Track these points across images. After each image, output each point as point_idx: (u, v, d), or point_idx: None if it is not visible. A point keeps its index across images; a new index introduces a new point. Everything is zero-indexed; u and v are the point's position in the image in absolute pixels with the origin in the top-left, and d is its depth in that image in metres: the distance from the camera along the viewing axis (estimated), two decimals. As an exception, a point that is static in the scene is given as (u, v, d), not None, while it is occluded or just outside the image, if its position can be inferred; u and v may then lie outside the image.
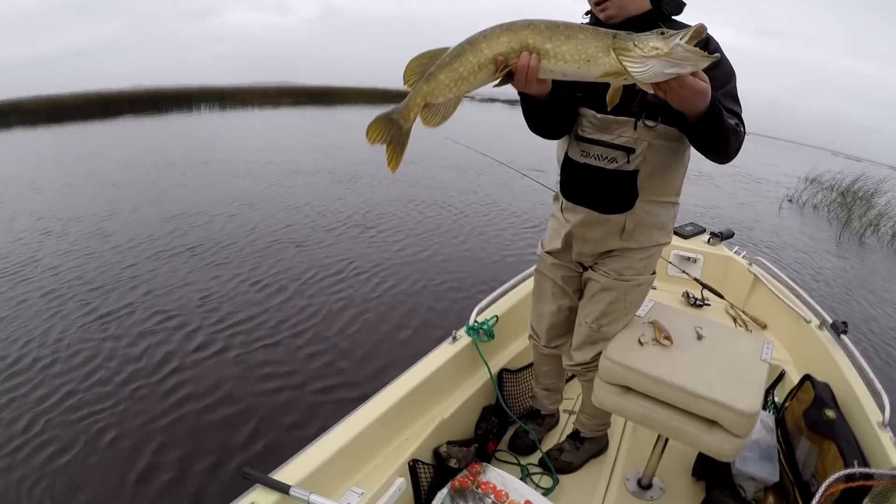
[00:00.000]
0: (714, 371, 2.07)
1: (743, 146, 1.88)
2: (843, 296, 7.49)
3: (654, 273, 2.33)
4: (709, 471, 2.65)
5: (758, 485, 2.42)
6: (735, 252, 4.47)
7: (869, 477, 2.01)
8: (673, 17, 1.98)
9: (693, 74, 1.50)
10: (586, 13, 2.09)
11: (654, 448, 2.49)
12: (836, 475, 2.00)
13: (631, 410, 2.13)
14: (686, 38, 1.42)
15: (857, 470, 2.04)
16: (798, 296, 3.68)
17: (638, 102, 1.95)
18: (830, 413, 2.54)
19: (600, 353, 2.23)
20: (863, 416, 2.53)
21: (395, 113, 1.64)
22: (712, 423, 1.97)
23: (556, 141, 2.28)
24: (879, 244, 11.58)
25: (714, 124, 1.69)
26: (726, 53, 1.86)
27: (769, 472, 2.41)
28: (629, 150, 2.01)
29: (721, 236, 4.60)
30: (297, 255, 6.85)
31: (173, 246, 7.11)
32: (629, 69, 1.49)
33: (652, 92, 1.57)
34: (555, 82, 1.81)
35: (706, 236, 4.66)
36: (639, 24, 1.87)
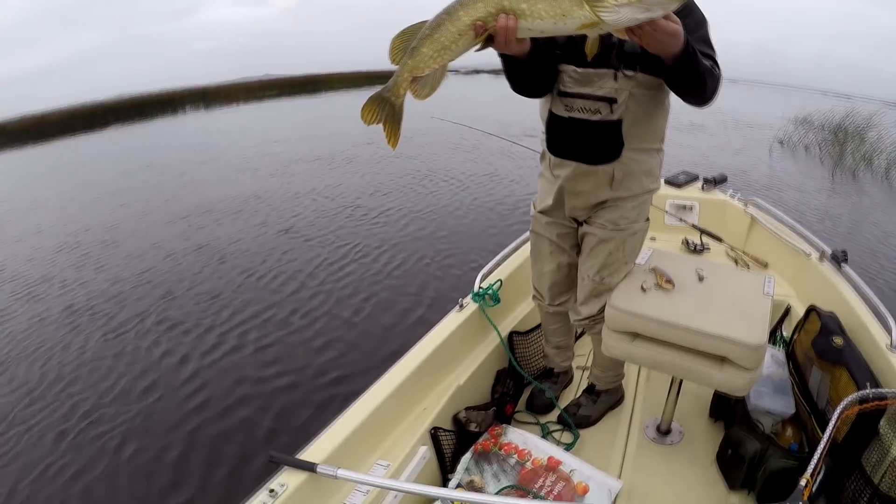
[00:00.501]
0: (718, 309, 2.09)
1: (726, 90, 1.93)
2: (841, 230, 7.52)
3: (647, 220, 2.37)
4: (725, 410, 2.70)
5: (774, 418, 2.44)
6: (730, 195, 4.48)
7: (882, 397, 2.05)
8: None
9: (665, 18, 1.53)
10: None
11: (668, 393, 2.52)
12: (850, 398, 2.03)
13: (641, 356, 2.16)
14: None
15: (869, 392, 2.07)
16: (796, 231, 3.71)
17: (616, 54, 1.98)
18: (838, 340, 2.57)
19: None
20: (870, 341, 2.57)
21: (385, 91, 1.68)
22: (722, 359, 2.00)
23: (540, 100, 2.30)
24: (874, 178, 11.53)
25: (689, 65, 1.73)
26: (707, 2, 1.90)
27: (785, 405, 2.43)
28: (611, 101, 2.04)
29: (714, 181, 4.62)
30: (303, 244, 6.87)
31: (184, 247, 7.14)
32: (603, 18, 1.50)
33: (627, 38, 1.62)
34: (534, 41, 1.84)
35: (700, 183, 4.67)
36: None
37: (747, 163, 12.19)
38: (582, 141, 2.17)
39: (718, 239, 4.16)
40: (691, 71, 1.76)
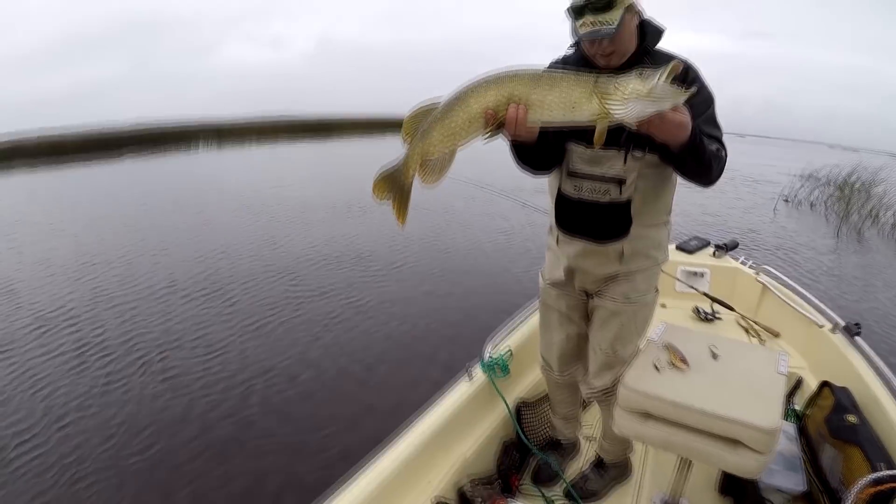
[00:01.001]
0: (732, 390, 2.07)
1: (735, 145, 1.94)
2: (850, 292, 7.45)
3: (657, 290, 2.39)
4: (735, 486, 2.64)
5: (785, 496, 2.41)
6: (741, 262, 4.48)
7: (897, 479, 2.02)
8: (657, 49, 2.02)
9: (673, 108, 1.56)
10: (571, 45, 2.13)
11: (677, 468, 2.48)
12: (865, 480, 2.03)
13: (652, 436, 2.13)
14: (664, 77, 1.49)
15: (884, 473, 2.06)
16: (808, 301, 3.69)
17: (626, 135, 1.99)
18: (852, 418, 2.55)
19: (620, 376, 2.24)
20: (885, 418, 2.54)
21: (395, 170, 1.72)
22: (735, 441, 1.96)
23: (548, 175, 2.33)
24: (880, 235, 11.53)
25: (696, 153, 1.77)
26: (716, 60, 1.93)
27: (796, 482, 2.41)
28: (620, 182, 2.07)
29: (726, 248, 4.63)
30: (316, 297, 6.79)
31: (198, 290, 7.10)
32: (612, 111, 1.56)
33: (635, 128, 1.64)
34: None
35: (711, 249, 4.66)
36: (627, 65, 1.92)
37: (755, 221, 12.18)
38: (591, 221, 2.19)
39: (730, 308, 4.12)
40: (698, 157, 1.80)
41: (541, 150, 2.04)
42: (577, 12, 1.83)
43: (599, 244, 2.20)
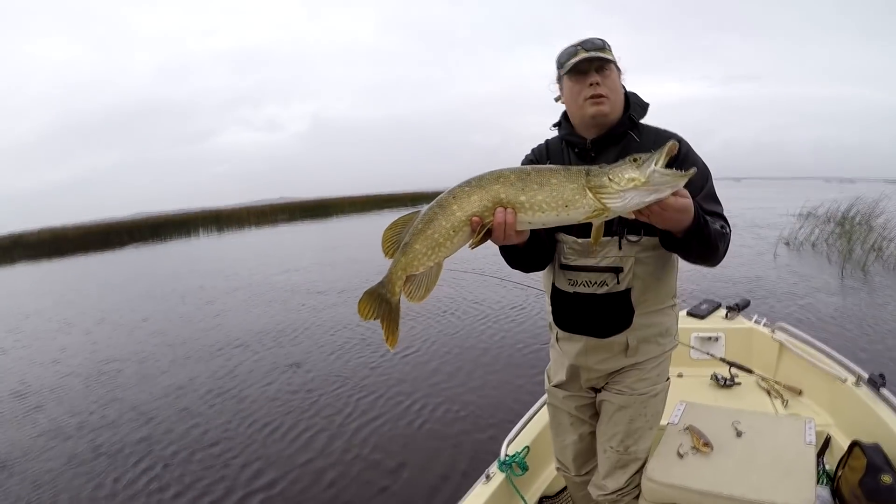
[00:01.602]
0: (760, 469, 2.04)
1: (730, 191, 1.88)
2: (862, 338, 7.22)
3: (668, 379, 2.24)
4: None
5: (828, 564, 2.35)
6: (755, 322, 4.41)
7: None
8: (643, 123, 2.02)
9: (674, 193, 1.48)
10: (554, 125, 2.13)
11: None
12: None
13: None
14: (660, 161, 1.42)
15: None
16: (828, 355, 3.63)
17: (618, 220, 1.91)
18: (887, 479, 2.48)
19: (636, 475, 2.16)
20: None
21: (381, 287, 1.61)
22: None
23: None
24: (885, 269, 11.35)
25: (701, 235, 1.68)
26: (702, 106, 1.93)
27: (836, 548, 2.35)
28: (617, 270, 1.98)
29: (738, 308, 4.56)
30: (330, 390, 6.55)
31: (209, 387, 6.98)
32: (609, 206, 1.47)
33: (634, 218, 1.58)
34: None
35: (723, 311, 4.60)
36: (614, 136, 1.95)
37: (760, 271, 11.90)
38: (589, 315, 2.07)
39: (748, 370, 4.03)
40: (703, 240, 1.70)
41: (532, 249, 1.95)
42: (570, 54, 1.86)
43: (601, 339, 2.09)
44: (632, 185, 1.43)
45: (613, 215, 1.51)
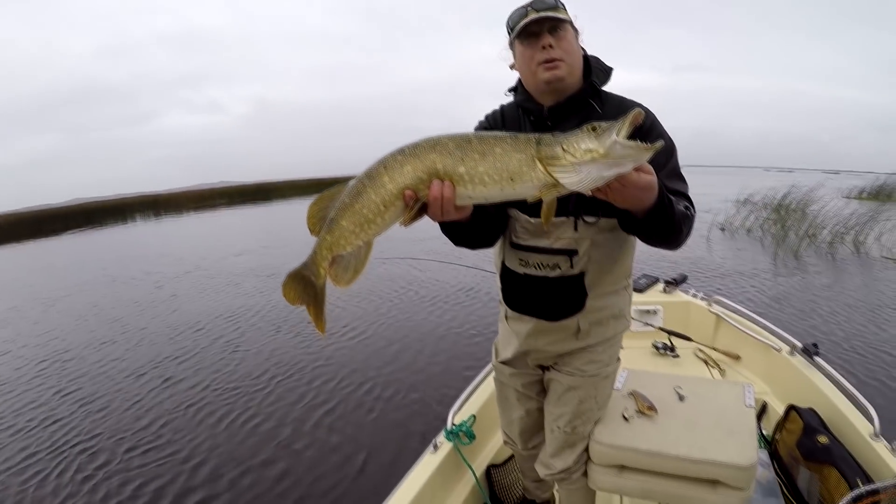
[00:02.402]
0: (704, 430, 2.05)
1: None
2: (793, 315, 7.51)
3: (619, 360, 2.19)
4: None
5: (768, 523, 2.40)
6: (692, 295, 4.52)
7: (875, 493, 2.06)
8: (605, 91, 1.86)
9: (637, 169, 1.32)
10: (510, 89, 1.95)
11: None
12: (846, 499, 2.04)
13: (630, 488, 2.08)
14: (623, 131, 1.24)
15: (862, 490, 2.08)
16: (764, 326, 3.75)
17: (575, 200, 1.78)
18: (823, 438, 2.58)
19: (584, 453, 2.13)
20: (854, 433, 2.58)
21: (304, 269, 1.46)
22: (714, 482, 1.94)
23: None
24: (817, 254, 11.75)
25: (664, 217, 1.53)
26: (651, 95, 1.76)
27: (776, 508, 2.39)
28: (571, 253, 1.86)
29: (676, 282, 4.67)
30: (289, 383, 6.46)
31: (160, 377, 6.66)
32: (562, 181, 1.29)
33: (590, 195, 1.40)
34: None
35: (661, 285, 4.70)
36: (574, 104, 1.78)
37: (695, 253, 12.11)
38: (540, 298, 1.97)
39: (688, 338, 4.14)
40: (666, 222, 1.55)
41: (478, 226, 1.78)
42: (520, 15, 1.70)
43: (552, 322, 1.99)
44: (589, 158, 1.25)
45: (566, 191, 1.32)
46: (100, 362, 7.31)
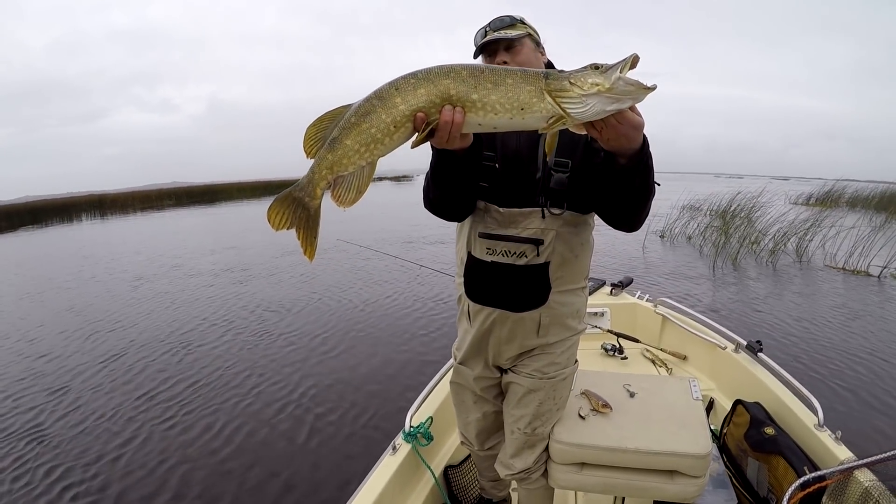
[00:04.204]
0: (658, 424, 2.11)
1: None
2: (737, 314, 7.77)
3: (576, 362, 2.21)
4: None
5: (719, 512, 2.46)
6: (638, 297, 4.62)
7: (821, 479, 2.16)
8: None
9: (630, 109, 1.38)
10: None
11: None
12: (793, 486, 2.12)
13: (592, 484, 2.12)
14: (625, 69, 1.30)
15: (809, 476, 2.17)
16: (708, 326, 3.87)
17: (541, 190, 1.89)
18: (769, 430, 2.67)
19: (543, 453, 2.17)
20: (799, 424, 2.69)
21: (297, 190, 1.42)
22: (672, 472, 2.01)
23: (455, 237, 2.21)
24: (757, 263, 11.89)
25: (645, 167, 1.58)
26: None
27: (726, 498, 2.47)
28: (538, 242, 1.92)
29: (622, 285, 4.76)
30: (220, 384, 6.16)
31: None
32: (569, 111, 1.33)
33: (583, 133, 1.45)
34: (477, 137, 1.66)
35: (608, 288, 4.78)
36: None
37: (635, 260, 12.12)
38: (505, 287, 2.01)
39: (635, 340, 4.23)
40: (644, 172, 1.59)
41: (465, 172, 1.79)
42: (480, 35, 1.86)
43: (515, 313, 2.03)
44: (595, 90, 1.30)
45: (572, 123, 1.36)
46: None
